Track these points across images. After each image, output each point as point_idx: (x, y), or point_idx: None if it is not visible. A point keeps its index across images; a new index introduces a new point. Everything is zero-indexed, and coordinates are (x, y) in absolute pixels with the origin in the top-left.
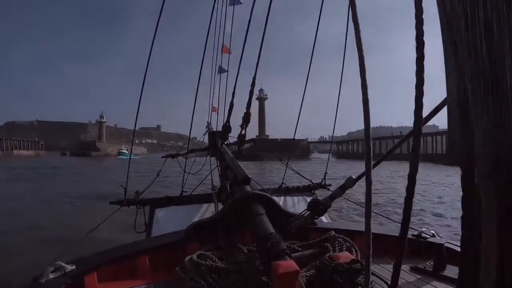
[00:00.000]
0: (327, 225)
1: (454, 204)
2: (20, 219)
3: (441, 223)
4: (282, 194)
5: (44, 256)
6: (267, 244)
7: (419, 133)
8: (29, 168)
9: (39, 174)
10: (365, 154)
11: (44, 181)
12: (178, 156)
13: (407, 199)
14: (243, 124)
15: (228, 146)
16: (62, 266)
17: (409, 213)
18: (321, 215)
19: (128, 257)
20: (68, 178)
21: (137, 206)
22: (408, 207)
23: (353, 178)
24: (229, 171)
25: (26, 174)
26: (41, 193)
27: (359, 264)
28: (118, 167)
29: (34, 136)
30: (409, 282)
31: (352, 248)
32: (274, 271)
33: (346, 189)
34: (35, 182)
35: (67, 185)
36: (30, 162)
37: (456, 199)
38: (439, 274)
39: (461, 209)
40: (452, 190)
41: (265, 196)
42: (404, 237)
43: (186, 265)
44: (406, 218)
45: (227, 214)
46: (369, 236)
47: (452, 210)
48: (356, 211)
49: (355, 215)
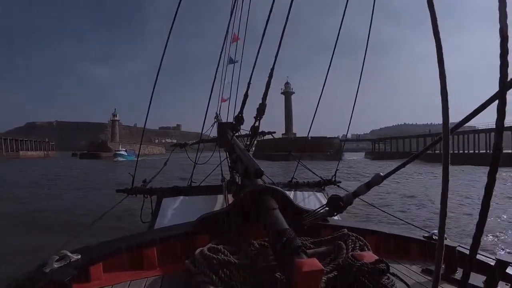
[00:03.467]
0: (338, 222)
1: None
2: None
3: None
4: (292, 189)
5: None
6: (282, 240)
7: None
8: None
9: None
10: (442, 153)
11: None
12: (186, 146)
13: (481, 213)
14: (257, 116)
15: (238, 138)
16: (67, 255)
17: (482, 228)
18: (340, 212)
19: (135, 248)
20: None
21: (144, 195)
22: (482, 222)
23: (381, 175)
24: (240, 163)
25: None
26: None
27: (384, 265)
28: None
29: (53, 136)
30: (420, 283)
31: (365, 247)
32: (297, 269)
33: (372, 186)
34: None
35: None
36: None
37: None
38: (450, 277)
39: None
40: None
41: (279, 190)
42: (474, 254)
43: (197, 258)
44: (478, 233)
45: (239, 207)
46: (442, 238)
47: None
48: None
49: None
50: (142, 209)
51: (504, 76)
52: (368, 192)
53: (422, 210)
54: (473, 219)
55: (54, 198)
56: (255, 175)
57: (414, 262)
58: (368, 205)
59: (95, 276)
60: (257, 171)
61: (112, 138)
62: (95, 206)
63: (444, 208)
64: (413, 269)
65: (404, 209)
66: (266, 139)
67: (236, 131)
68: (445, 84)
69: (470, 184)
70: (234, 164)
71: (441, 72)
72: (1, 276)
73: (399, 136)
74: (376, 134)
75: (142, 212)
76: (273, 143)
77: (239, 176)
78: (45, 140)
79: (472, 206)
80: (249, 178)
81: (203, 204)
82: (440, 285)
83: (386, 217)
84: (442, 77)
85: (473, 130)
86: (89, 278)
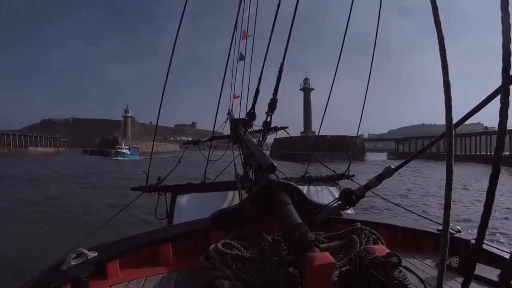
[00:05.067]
0: (352, 216)
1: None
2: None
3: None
4: (306, 184)
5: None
6: (295, 235)
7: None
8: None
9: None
10: (446, 146)
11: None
12: (199, 143)
13: (487, 204)
14: (268, 111)
15: (251, 134)
16: (84, 252)
17: (487, 219)
18: (353, 205)
19: (150, 245)
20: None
21: (159, 193)
22: (487, 213)
23: (392, 167)
24: (253, 159)
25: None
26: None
27: (396, 258)
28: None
29: (69, 133)
30: (433, 277)
31: (378, 241)
32: (309, 263)
33: (383, 179)
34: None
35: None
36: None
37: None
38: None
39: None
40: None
41: (292, 185)
42: (480, 244)
43: (211, 254)
44: (483, 224)
45: (253, 202)
46: (446, 231)
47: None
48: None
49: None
50: (157, 207)
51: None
52: (381, 186)
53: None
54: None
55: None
56: (268, 170)
57: (428, 256)
58: (383, 199)
59: (112, 273)
60: (269, 166)
61: (124, 135)
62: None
63: (448, 200)
64: (427, 262)
65: (419, 203)
66: (284, 138)
67: (249, 127)
68: (449, 87)
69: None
70: (248, 160)
71: (444, 77)
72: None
73: (424, 136)
74: (395, 134)
75: (157, 209)
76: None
77: (252, 172)
78: (56, 136)
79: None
80: (262, 174)
81: (217, 200)
82: (454, 278)
83: (401, 211)
84: (445, 82)
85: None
86: (105, 275)
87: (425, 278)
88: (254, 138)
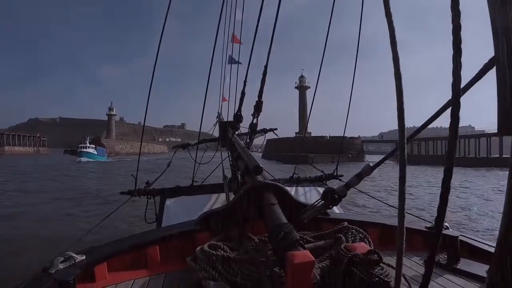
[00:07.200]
0: (339, 216)
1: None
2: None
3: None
4: (294, 185)
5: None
6: (279, 234)
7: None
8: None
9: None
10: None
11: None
12: (189, 146)
13: (442, 194)
14: (254, 113)
15: (240, 136)
16: (72, 256)
17: (444, 210)
18: (335, 204)
19: (138, 247)
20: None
21: (148, 196)
22: (443, 203)
23: (370, 165)
24: (240, 161)
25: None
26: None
27: (376, 255)
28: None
29: (57, 133)
30: (422, 275)
31: (365, 239)
32: (289, 261)
33: (363, 177)
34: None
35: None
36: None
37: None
38: (453, 267)
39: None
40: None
41: (277, 186)
42: (439, 234)
43: (198, 255)
44: (440, 215)
45: (239, 204)
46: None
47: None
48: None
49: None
50: (146, 210)
51: (456, 81)
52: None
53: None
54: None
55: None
56: (254, 172)
57: (416, 253)
58: (372, 198)
59: (100, 276)
60: (256, 167)
61: (108, 134)
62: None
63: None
64: (414, 260)
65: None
66: (280, 139)
67: (235, 129)
68: (401, 94)
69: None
70: (236, 162)
71: (397, 85)
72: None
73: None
74: (385, 137)
75: (146, 213)
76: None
77: (240, 174)
78: (36, 135)
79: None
80: (249, 175)
81: (206, 202)
82: (442, 275)
83: (392, 211)
84: (398, 89)
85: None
86: (94, 278)
87: (412, 276)
88: (242, 140)
